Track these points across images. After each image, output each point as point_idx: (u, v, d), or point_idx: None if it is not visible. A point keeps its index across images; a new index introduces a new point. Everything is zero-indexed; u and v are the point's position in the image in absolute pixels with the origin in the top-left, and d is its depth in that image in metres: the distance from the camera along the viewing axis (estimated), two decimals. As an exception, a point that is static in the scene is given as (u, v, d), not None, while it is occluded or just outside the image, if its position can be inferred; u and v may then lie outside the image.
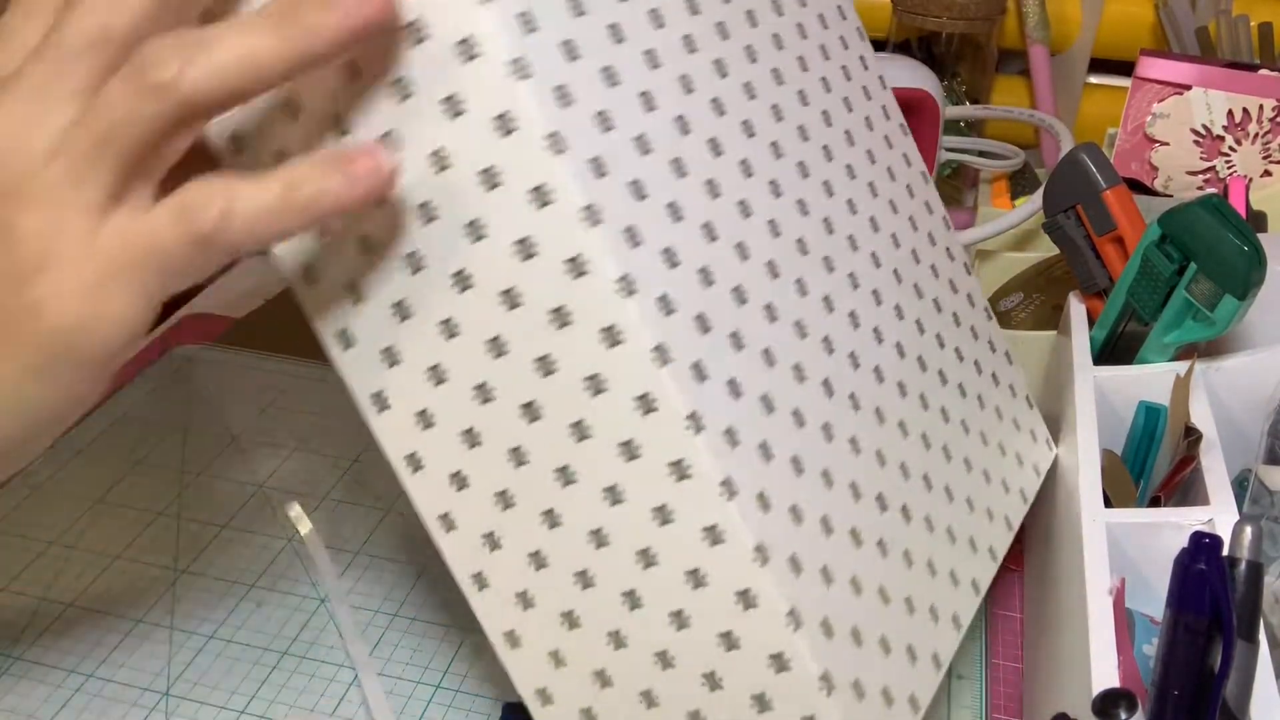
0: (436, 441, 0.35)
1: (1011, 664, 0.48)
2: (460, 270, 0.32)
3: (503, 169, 0.31)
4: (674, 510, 0.33)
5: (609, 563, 0.34)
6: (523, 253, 0.31)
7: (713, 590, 0.33)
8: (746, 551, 0.32)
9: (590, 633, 0.35)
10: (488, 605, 0.37)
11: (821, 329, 0.37)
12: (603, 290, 0.31)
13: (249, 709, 0.45)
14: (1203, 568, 0.32)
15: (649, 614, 0.34)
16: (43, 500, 0.56)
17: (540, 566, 0.35)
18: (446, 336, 0.33)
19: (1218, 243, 0.45)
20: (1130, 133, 0.68)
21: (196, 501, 0.57)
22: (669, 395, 0.31)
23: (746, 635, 0.33)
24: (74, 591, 0.51)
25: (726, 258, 0.34)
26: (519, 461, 0.34)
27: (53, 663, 0.47)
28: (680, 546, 0.33)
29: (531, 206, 0.31)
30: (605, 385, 0.32)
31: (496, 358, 0.33)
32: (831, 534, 0.35)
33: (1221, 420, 0.45)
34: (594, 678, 0.36)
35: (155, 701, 0.46)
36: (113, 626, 0.49)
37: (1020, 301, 0.65)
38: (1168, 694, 0.32)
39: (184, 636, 0.49)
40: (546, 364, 0.32)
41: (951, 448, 0.42)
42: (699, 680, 0.34)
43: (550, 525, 0.35)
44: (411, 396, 0.35)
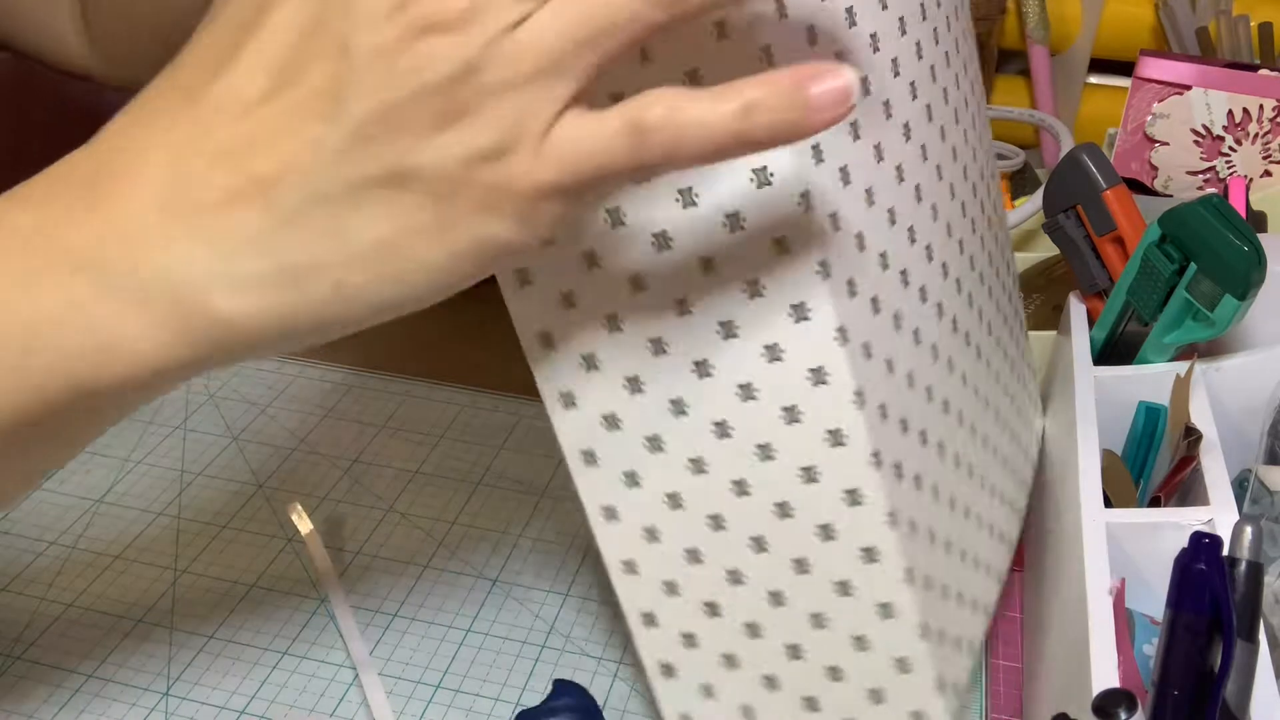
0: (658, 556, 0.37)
1: (1011, 664, 0.48)
2: (722, 420, 0.34)
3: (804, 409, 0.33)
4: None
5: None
6: (788, 418, 0.33)
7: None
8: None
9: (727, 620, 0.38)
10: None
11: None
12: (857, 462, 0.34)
13: (249, 709, 0.46)
14: (1203, 568, 0.32)
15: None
16: (43, 500, 0.56)
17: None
18: (694, 472, 0.35)
19: (1218, 243, 0.45)
20: (1130, 133, 0.68)
21: (196, 501, 0.57)
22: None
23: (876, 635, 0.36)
24: (74, 591, 0.51)
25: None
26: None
27: (53, 663, 0.47)
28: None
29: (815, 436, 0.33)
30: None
31: (739, 496, 0.35)
32: (937, 496, 0.38)
33: (1221, 420, 0.45)
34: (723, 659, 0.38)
35: (155, 701, 0.46)
36: (113, 626, 0.49)
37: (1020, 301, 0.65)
38: (1168, 694, 0.32)
39: (184, 636, 0.49)
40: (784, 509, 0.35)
41: (1002, 411, 0.46)
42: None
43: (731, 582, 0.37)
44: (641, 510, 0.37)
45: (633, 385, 0.34)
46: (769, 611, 0.37)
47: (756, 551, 0.36)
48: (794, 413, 0.33)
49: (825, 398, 0.33)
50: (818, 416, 0.33)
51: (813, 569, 0.35)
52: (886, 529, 0.34)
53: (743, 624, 0.37)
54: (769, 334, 0.32)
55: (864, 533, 0.34)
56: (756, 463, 0.34)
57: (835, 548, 0.35)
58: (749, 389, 0.33)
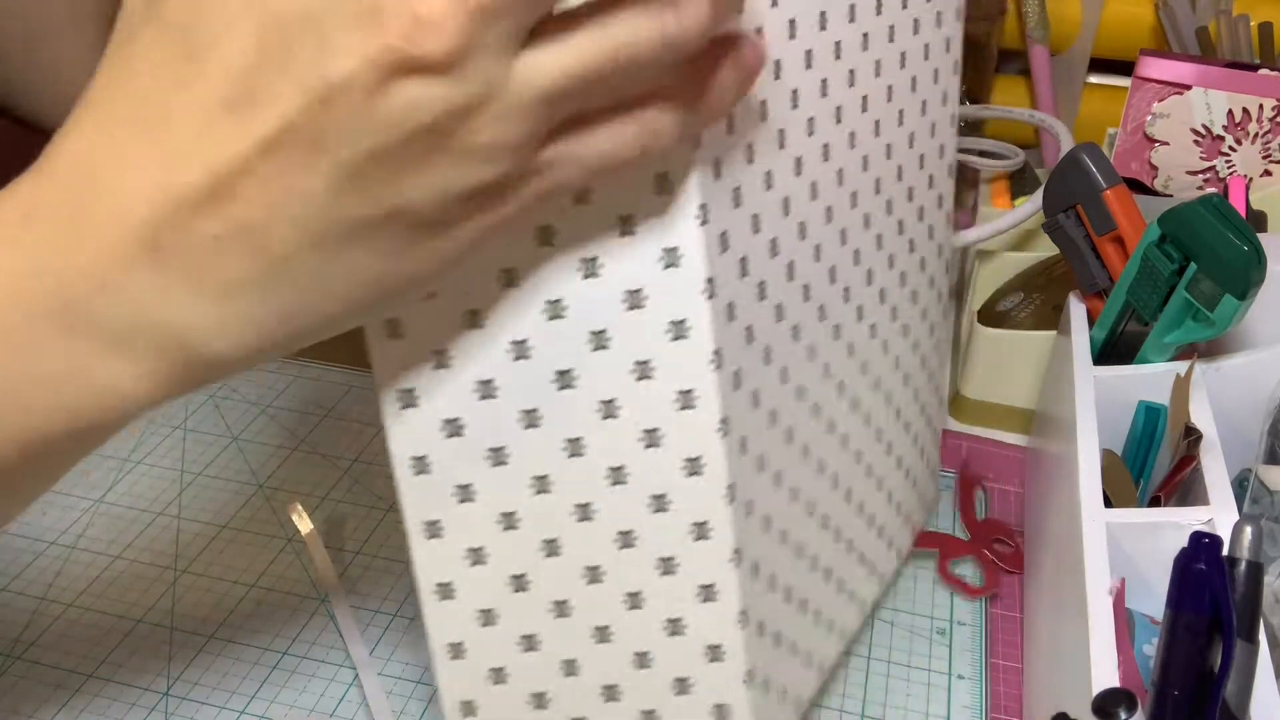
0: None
1: (1011, 664, 0.48)
2: (577, 438, 0.33)
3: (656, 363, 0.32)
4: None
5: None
6: (647, 442, 0.33)
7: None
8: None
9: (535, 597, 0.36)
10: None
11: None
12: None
13: (249, 709, 0.45)
14: (1203, 568, 0.32)
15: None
16: (43, 500, 0.56)
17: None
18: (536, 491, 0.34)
19: (1218, 243, 0.45)
20: (1130, 133, 0.68)
21: (196, 501, 0.57)
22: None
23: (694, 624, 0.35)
24: (74, 591, 0.51)
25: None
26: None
27: (53, 663, 0.47)
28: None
29: (674, 405, 0.32)
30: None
31: (580, 521, 0.34)
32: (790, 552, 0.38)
33: (1221, 420, 0.45)
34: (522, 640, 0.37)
35: (155, 701, 0.46)
36: (113, 626, 0.49)
37: (1020, 301, 0.65)
38: (1168, 694, 0.32)
39: (184, 636, 0.49)
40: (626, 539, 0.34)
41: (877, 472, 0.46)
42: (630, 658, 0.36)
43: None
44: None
45: (484, 389, 0.33)
46: (591, 647, 0.36)
47: (589, 583, 0.35)
48: (654, 436, 0.32)
49: (689, 422, 0.32)
50: (679, 442, 0.32)
51: (645, 604, 0.35)
52: (730, 568, 0.34)
53: (560, 660, 0.36)
54: (639, 347, 0.32)
55: (706, 569, 0.34)
56: (606, 486, 0.33)
57: (672, 581, 0.34)
58: (612, 405, 0.32)
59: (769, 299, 0.35)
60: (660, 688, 0.36)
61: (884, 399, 0.45)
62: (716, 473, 0.33)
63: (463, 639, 0.36)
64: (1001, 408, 0.63)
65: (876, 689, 0.47)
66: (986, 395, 0.63)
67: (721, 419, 0.32)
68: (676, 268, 0.30)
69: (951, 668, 0.48)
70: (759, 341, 0.34)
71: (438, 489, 0.34)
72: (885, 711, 0.46)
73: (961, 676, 0.47)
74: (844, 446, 0.42)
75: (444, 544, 0.35)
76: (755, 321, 0.34)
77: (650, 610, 0.35)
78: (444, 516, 0.34)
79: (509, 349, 0.32)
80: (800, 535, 0.39)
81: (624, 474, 0.33)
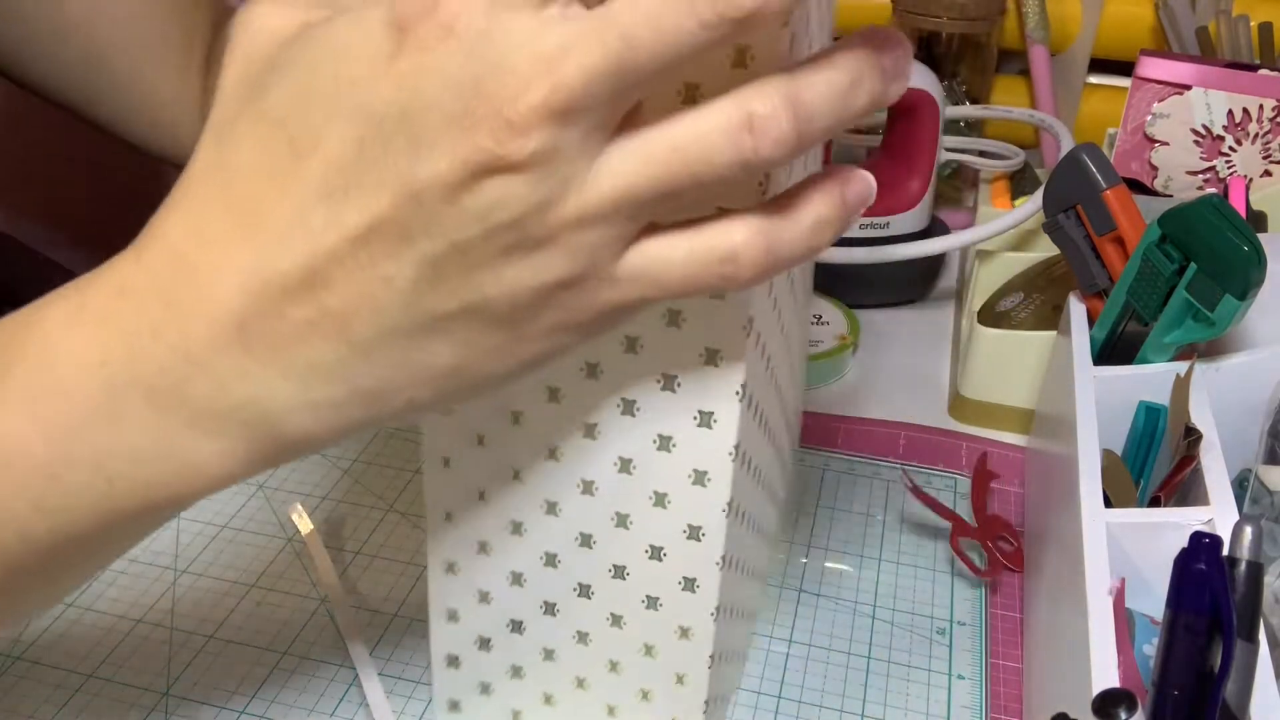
0: None
1: (1011, 664, 0.48)
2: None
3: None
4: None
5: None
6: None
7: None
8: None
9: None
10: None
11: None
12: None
13: (249, 709, 0.46)
14: (1203, 567, 0.32)
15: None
16: (43, 500, 0.56)
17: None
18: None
19: (1218, 243, 0.45)
20: (1130, 133, 0.68)
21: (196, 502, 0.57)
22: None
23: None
24: (74, 591, 0.51)
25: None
26: None
27: (53, 663, 0.47)
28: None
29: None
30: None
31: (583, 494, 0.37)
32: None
33: (1221, 420, 0.45)
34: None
35: (155, 701, 0.46)
36: (113, 626, 0.49)
37: (1020, 301, 0.65)
38: (1168, 694, 0.32)
39: (184, 636, 0.49)
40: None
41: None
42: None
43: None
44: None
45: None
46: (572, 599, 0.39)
47: (580, 545, 0.37)
48: (668, 442, 0.35)
49: (705, 442, 0.34)
50: (691, 454, 0.35)
51: (629, 576, 0.37)
52: (715, 568, 0.37)
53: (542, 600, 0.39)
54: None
55: (692, 565, 0.37)
56: (614, 472, 0.36)
57: (659, 568, 0.37)
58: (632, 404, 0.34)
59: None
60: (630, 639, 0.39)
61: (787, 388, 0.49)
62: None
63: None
64: (1001, 408, 0.63)
65: (876, 689, 0.47)
66: (986, 395, 0.63)
67: (735, 444, 0.34)
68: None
69: (951, 668, 0.48)
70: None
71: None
72: (885, 711, 0.46)
73: (961, 676, 0.47)
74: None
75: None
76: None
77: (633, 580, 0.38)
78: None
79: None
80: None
81: (630, 465, 0.35)
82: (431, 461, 0.38)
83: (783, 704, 0.46)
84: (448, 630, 0.42)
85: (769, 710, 0.46)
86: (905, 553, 0.54)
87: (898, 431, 0.63)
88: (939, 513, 0.53)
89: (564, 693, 0.42)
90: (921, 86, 0.70)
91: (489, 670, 0.42)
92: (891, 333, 0.73)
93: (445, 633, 0.42)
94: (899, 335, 0.73)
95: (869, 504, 0.57)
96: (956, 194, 0.86)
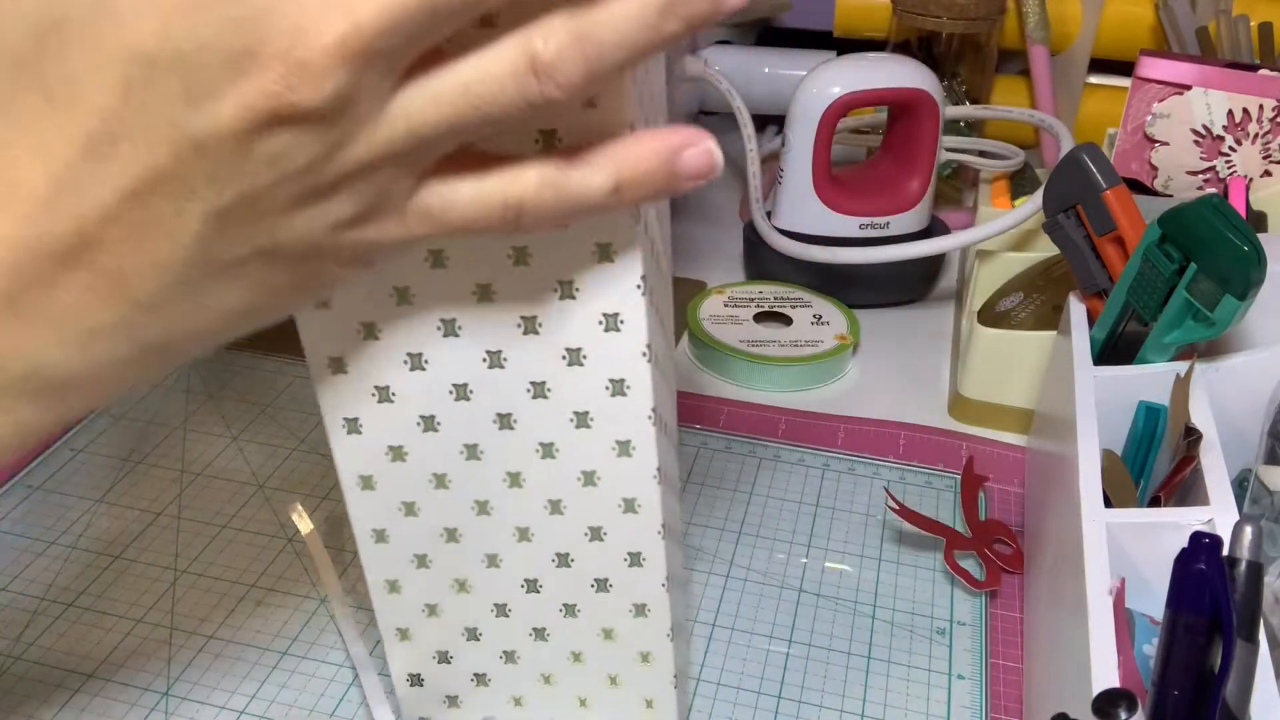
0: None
1: (1011, 664, 0.48)
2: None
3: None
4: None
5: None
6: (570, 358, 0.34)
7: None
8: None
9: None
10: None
11: None
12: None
13: (249, 709, 0.46)
14: (1203, 568, 0.32)
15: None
16: (43, 500, 0.56)
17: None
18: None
19: (1218, 243, 0.45)
20: (1130, 133, 0.68)
21: (196, 501, 0.57)
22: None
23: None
24: (74, 591, 0.51)
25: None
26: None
27: (53, 663, 0.47)
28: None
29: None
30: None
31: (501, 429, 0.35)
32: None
33: (1221, 420, 0.45)
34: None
35: (155, 701, 0.46)
36: (113, 626, 0.49)
37: (1020, 301, 0.65)
38: (1168, 694, 0.32)
39: (184, 636, 0.49)
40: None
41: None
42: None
43: None
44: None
45: (401, 296, 0.33)
46: (512, 546, 0.38)
47: (510, 486, 0.36)
48: (578, 356, 0.33)
49: (618, 345, 0.33)
50: (606, 365, 0.33)
51: (566, 509, 0.36)
52: (653, 483, 0.36)
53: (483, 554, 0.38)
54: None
55: (630, 484, 0.36)
56: (529, 400, 0.34)
57: (595, 494, 0.36)
58: (533, 322, 0.33)
59: None
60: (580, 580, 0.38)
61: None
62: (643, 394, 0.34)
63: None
64: (1001, 408, 0.63)
65: (876, 689, 0.47)
66: (986, 395, 0.63)
67: (646, 343, 0.33)
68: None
69: (951, 668, 0.48)
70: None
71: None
72: (885, 711, 0.46)
73: (961, 676, 0.47)
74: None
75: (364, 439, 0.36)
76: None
77: (571, 515, 0.37)
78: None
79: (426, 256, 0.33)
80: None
81: (545, 389, 0.35)
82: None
83: (783, 704, 0.46)
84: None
85: (769, 710, 0.46)
86: (905, 553, 0.54)
87: (897, 431, 0.63)
88: (929, 529, 0.53)
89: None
90: (921, 86, 0.70)
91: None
92: (891, 333, 0.73)
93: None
94: (899, 335, 0.73)
95: (869, 504, 0.58)
96: (956, 194, 0.86)
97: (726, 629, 0.50)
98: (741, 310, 0.71)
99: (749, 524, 0.56)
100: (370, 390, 0.35)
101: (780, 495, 0.58)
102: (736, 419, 0.64)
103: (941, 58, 0.85)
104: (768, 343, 0.68)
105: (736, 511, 0.57)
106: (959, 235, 0.69)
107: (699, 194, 0.93)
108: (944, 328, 0.75)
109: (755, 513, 0.57)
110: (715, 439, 0.62)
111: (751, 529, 0.56)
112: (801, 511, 0.57)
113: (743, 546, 0.55)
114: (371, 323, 0.33)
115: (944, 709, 0.46)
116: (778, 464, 0.60)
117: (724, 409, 0.65)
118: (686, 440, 0.62)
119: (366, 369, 0.34)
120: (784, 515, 0.57)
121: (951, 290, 0.79)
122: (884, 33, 0.89)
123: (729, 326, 0.70)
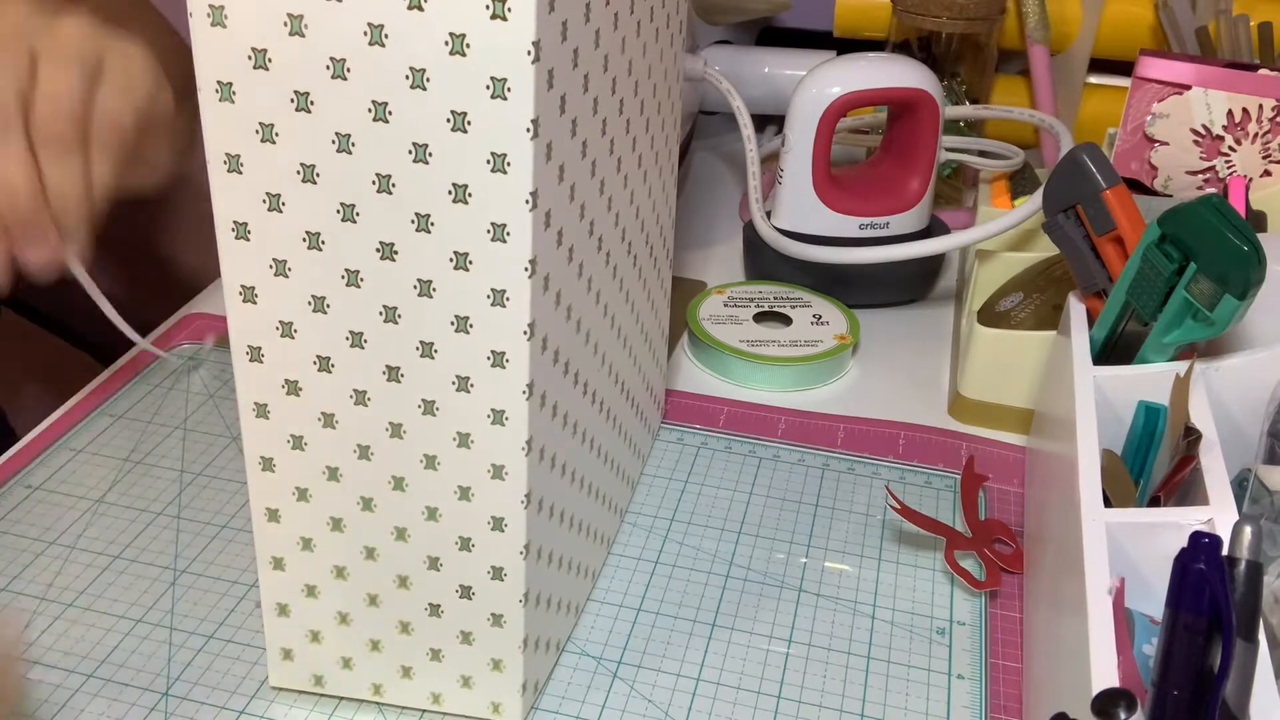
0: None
1: (1011, 664, 0.48)
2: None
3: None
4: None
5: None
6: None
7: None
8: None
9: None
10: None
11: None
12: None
13: (249, 709, 0.46)
14: (1202, 567, 0.32)
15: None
16: (43, 500, 0.56)
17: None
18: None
19: (1218, 243, 0.45)
20: (1130, 133, 0.68)
21: (196, 501, 0.57)
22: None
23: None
24: (74, 591, 0.51)
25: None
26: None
27: (53, 663, 0.47)
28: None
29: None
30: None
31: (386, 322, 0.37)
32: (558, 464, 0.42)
33: (1221, 420, 0.45)
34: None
35: (155, 701, 0.46)
36: (113, 626, 0.49)
37: (1020, 301, 0.65)
38: (1167, 694, 0.32)
39: (184, 636, 0.49)
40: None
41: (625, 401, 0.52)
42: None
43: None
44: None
45: (306, 173, 0.35)
46: (385, 441, 0.39)
47: (388, 380, 0.38)
48: (464, 260, 0.35)
49: (500, 255, 0.35)
50: (488, 270, 0.35)
51: (439, 412, 0.38)
52: (522, 399, 0.37)
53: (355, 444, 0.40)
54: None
55: (499, 398, 0.37)
56: (414, 297, 0.36)
57: (468, 400, 0.37)
58: (426, 220, 0.35)
59: (566, 178, 0.38)
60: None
61: (633, 303, 0.50)
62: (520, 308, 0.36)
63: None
64: (1001, 408, 0.63)
65: (876, 689, 0.47)
66: (986, 395, 0.63)
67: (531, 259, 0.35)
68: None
69: (951, 668, 0.48)
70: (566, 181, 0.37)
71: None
72: (885, 711, 0.46)
73: (961, 676, 0.47)
74: (612, 327, 0.47)
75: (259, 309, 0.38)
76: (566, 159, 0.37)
77: (443, 418, 0.38)
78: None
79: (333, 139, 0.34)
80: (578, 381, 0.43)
81: (431, 289, 0.36)
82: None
83: (783, 704, 0.46)
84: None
85: (768, 710, 0.46)
86: (905, 553, 0.54)
87: (897, 431, 0.63)
88: (930, 529, 0.53)
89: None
90: (921, 86, 0.70)
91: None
92: (891, 333, 0.73)
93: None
94: (899, 335, 0.73)
95: (869, 504, 0.58)
96: (956, 194, 0.86)
97: (726, 629, 0.50)
98: (741, 310, 0.71)
99: (749, 524, 0.56)
100: (269, 262, 0.37)
101: (780, 495, 0.58)
102: (736, 419, 0.64)
103: (941, 58, 0.85)
104: (767, 342, 0.68)
105: (736, 511, 0.57)
106: (959, 235, 0.69)
107: (699, 194, 0.93)
108: (944, 328, 0.75)
109: (755, 513, 0.57)
110: (715, 439, 0.62)
111: (751, 529, 0.56)
112: (801, 511, 0.57)
113: (742, 546, 0.55)
114: (278, 194, 0.35)
115: (944, 709, 0.46)
116: (777, 464, 0.60)
117: (724, 409, 0.65)
118: (686, 440, 0.62)
119: (269, 242, 0.36)
120: (784, 515, 0.57)
121: (951, 290, 0.79)
122: (884, 33, 0.89)
123: (729, 326, 0.70)
